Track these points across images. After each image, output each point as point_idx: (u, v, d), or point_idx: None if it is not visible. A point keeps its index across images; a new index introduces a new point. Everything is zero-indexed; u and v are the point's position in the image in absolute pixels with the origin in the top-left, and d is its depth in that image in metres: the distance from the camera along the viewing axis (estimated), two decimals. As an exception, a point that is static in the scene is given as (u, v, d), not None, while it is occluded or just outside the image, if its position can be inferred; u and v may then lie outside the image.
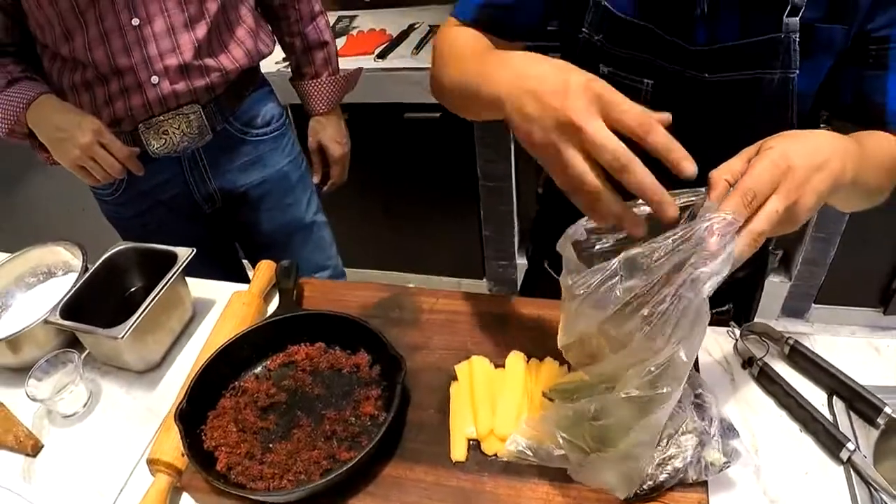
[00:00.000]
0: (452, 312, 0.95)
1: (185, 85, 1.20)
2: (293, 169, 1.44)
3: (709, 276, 0.52)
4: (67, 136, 1.14)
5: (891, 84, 0.77)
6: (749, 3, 0.76)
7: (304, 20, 1.40)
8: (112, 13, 1.11)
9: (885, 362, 0.84)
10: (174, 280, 0.96)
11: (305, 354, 0.87)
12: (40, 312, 0.96)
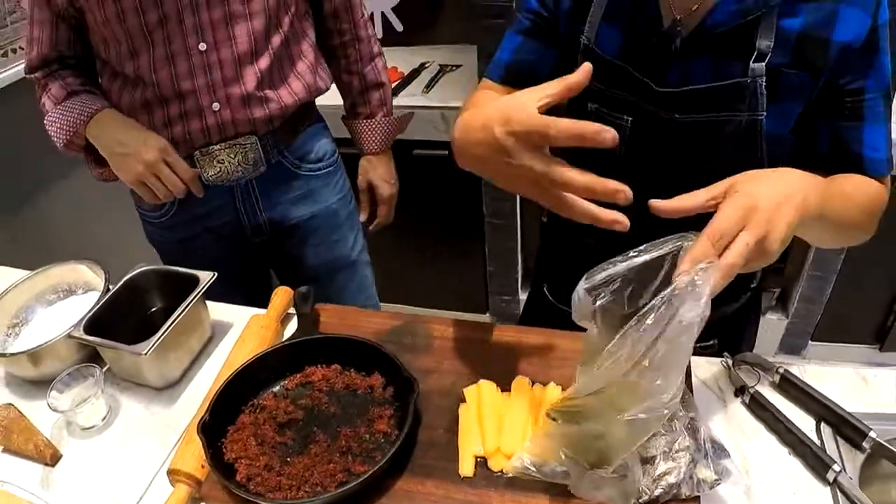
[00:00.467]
0: (461, 340, 1.01)
1: (245, 114, 1.23)
2: (342, 206, 1.47)
3: (694, 319, 0.59)
4: (132, 151, 1.18)
5: (866, 134, 0.85)
6: (718, 47, 0.84)
7: (364, 60, 1.44)
8: (180, 36, 1.16)
9: (873, 391, 0.90)
10: (195, 302, 1.02)
11: (322, 375, 0.92)
12: (59, 328, 1.02)
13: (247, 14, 1.18)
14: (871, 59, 0.83)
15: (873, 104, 0.85)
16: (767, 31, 0.81)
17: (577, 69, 0.68)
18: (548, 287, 1.23)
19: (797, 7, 0.81)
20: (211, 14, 1.16)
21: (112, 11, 1.13)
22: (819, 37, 0.81)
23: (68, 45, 1.25)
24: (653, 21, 0.87)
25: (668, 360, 0.60)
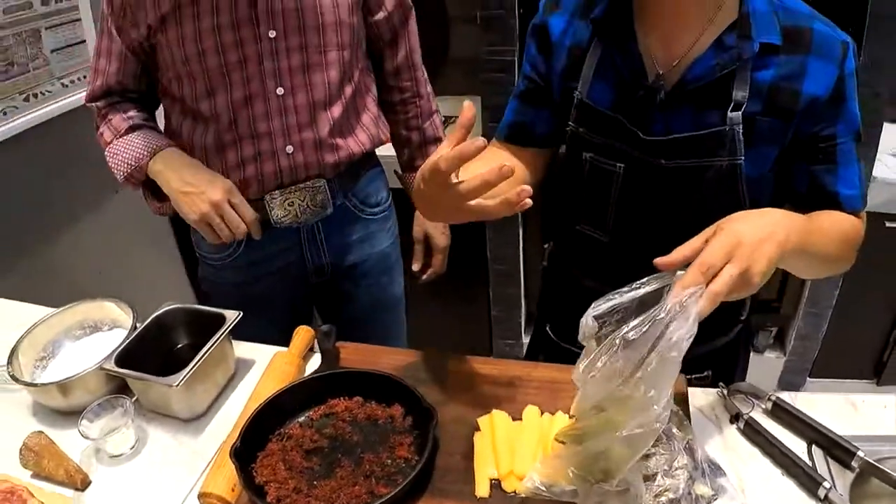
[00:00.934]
0: (474, 374, 1.10)
1: (317, 159, 1.30)
2: (393, 249, 1.55)
3: (683, 337, 0.68)
4: (198, 191, 1.21)
5: (841, 175, 0.95)
6: (698, 99, 0.95)
7: (424, 116, 1.51)
8: (259, 78, 1.22)
9: (861, 416, 0.98)
10: (222, 339, 1.10)
11: (345, 407, 1.00)
12: (86, 362, 1.09)
13: (323, 64, 1.26)
14: (840, 107, 0.93)
15: (845, 147, 0.95)
16: (742, 82, 0.92)
17: (464, 109, 0.80)
18: (551, 327, 1.31)
19: (768, 60, 0.92)
20: (290, 60, 1.23)
21: (192, 50, 1.20)
22: (789, 87, 0.92)
23: (134, 79, 1.31)
24: (639, 76, 0.98)
25: (658, 373, 0.68)
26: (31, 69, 1.91)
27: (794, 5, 0.95)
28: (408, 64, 1.46)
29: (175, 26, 1.19)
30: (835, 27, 0.94)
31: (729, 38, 0.92)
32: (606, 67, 1.00)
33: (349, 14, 1.27)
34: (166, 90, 1.31)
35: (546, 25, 1.07)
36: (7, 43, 1.82)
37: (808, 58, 0.91)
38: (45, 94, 1.95)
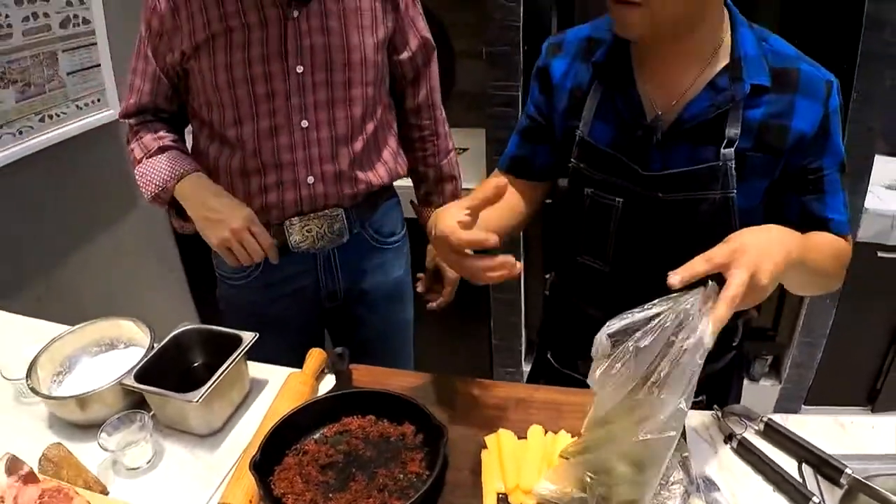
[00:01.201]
0: (480, 396, 1.16)
1: (336, 190, 1.38)
2: (405, 278, 1.62)
3: (697, 343, 0.75)
4: (220, 217, 1.29)
5: (829, 203, 1.04)
6: (693, 137, 1.03)
7: (441, 154, 1.59)
8: (285, 111, 1.30)
9: (849, 436, 1.05)
10: (238, 358, 1.16)
11: (358, 425, 1.06)
12: (101, 378, 1.15)
13: (347, 100, 1.34)
14: (826, 142, 1.02)
15: (831, 178, 1.04)
16: (735, 121, 1.00)
17: (495, 186, 0.93)
18: (552, 354, 1.38)
19: (758, 99, 1.00)
20: (316, 96, 1.31)
21: (223, 79, 1.28)
22: (778, 125, 1.00)
23: (166, 99, 1.38)
24: (638, 117, 1.06)
25: (671, 378, 0.75)
26: (47, 90, 1.98)
27: (781, 48, 1.04)
28: (428, 103, 1.54)
29: (208, 55, 1.27)
30: (819, 67, 1.03)
31: (722, 81, 1.00)
32: (607, 108, 1.09)
33: (375, 53, 1.35)
34: (196, 113, 1.39)
35: (548, 68, 1.16)
36: (25, 64, 1.90)
37: (796, 97, 1.00)
38: (60, 115, 2.03)
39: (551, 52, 1.17)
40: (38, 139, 1.97)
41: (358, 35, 1.32)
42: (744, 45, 1.01)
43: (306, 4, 1.27)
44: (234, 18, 1.25)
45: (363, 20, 1.33)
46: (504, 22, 2.02)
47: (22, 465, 0.94)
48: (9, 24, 1.84)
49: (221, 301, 1.57)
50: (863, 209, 2.07)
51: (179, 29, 1.27)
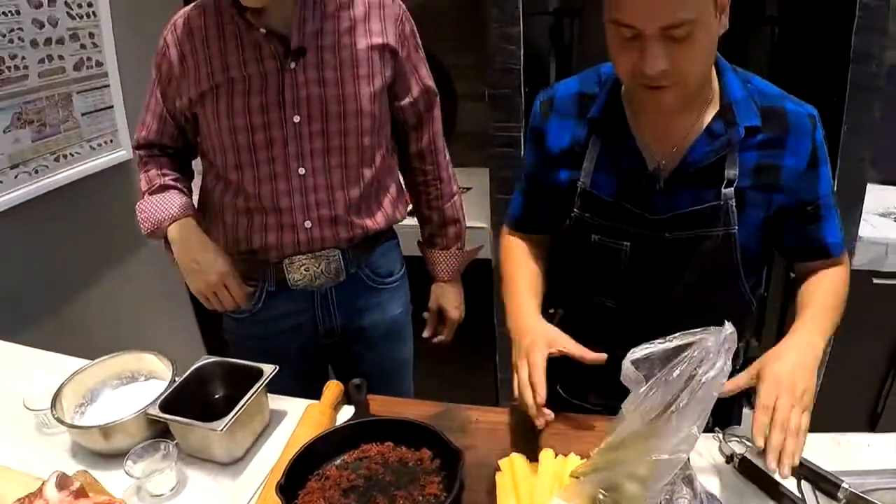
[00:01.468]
0: (493, 422, 1.24)
1: (333, 234, 1.45)
2: (404, 316, 1.68)
3: (717, 377, 0.83)
4: (200, 269, 1.41)
5: (826, 227, 1.15)
6: (695, 180, 1.12)
7: (444, 198, 1.66)
8: (283, 158, 1.38)
9: (845, 453, 1.13)
10: (260, 390, 1.23)
11: (377, 451, 1.13)
12: (123, 409, 1.22)
13: (342, 148, 1.41)
14: (817, 172, 1.12)
15: (826, 202, 1.14)
16: (733, 162, 1.09)
17: (593, 357, 1.09)
18: (561, 386, 1.44)
19: (752, 139, 1.09)
20: (312, 144, 1.39)
21: (225, 126, 1.37)
22: (772, 163, 1.10)
23: (171, 138, 1.50)
24: (640, 167, 1.14)
25: (690, 407, 0.83)
26: (62, 131, 2.08)
27: (765, 88, 1.13)
28: (431, 148, 1.61)
29: (212, 102, 1.37)
30: (801, 102, 1.13)
31: (717, 126, 1.09)
32: (607, 160, 1.17)
33: (371, 102, 1.41)
34: (204, 154, 1.49)
35: (544, 130, 1.25)
36: (41, 105, 2.00)
37: (786, 136, 1.09)
38: (74, 155, 2.12)
39: (545, 111, 1.25)
40: (54, 178, 2.06)
41: (354, 85, 1.39)
42: (732, 90, 1.10)
43: (303, 56, 1.35)
44: (235, 69, 1.35)
45: (359, 70, 1.40)
46: (505, 65, 2.12)
47: (72, 482, 1.01)
48: (25, 65, 1.94)
49: (226, 333, 1.64)
50: (857, 237, 2.16)
51: (186, 76, 1.38)
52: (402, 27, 1.47)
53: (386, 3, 1.45)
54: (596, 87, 1.20)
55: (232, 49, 1.35)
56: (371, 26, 1.42)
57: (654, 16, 0.94)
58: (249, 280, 1.52)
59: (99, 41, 2.18)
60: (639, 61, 0.98)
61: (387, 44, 1.43)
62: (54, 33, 2.03)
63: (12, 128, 1.91)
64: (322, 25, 1.37)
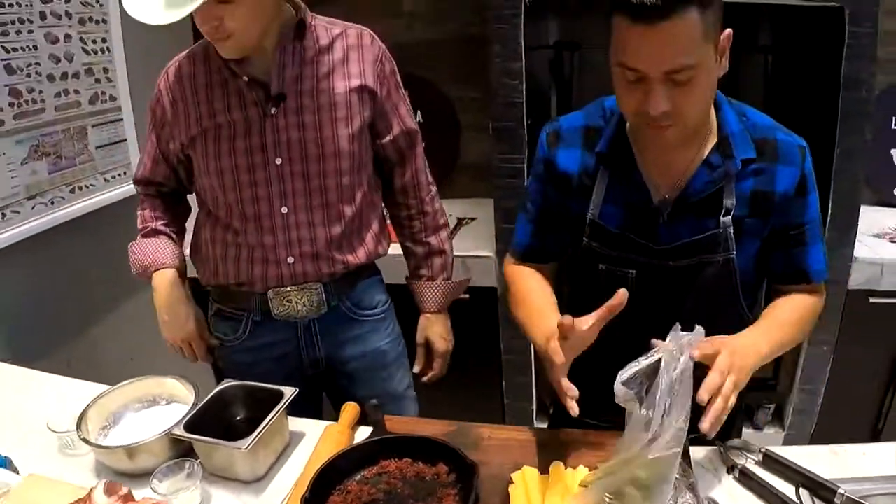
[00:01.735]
0: (505, 439, 1.32)
1: (315, 269, 1.53)
2: (391, 348, 1.72)
3: (684, 371, 0.93)
4: (170, 323, 1.57)
5: (809, 254, 1.23)
6: (696, 210, 1.20)
7: (428, 231, 1.71)
8: (266, 198, 1.48)
9: (841, 462, 1.20)
10: (282, 410, 1.30)
11: (396, 466, 1.20)
12: (145, 431, 1.29)
13: (323, 188, 1.50)
14: (805, 200, 1.21)
15: (811, 230, 1.23)
16: (730, 192, 1.18)
17: (615, 296, 1.08)
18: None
19: (747, 170, 1.18)
20: (294, 185, 1.48)
21: (213, 167, 1.48)
22: (765, 192, 1.19)
23: (165, 177, 1.62)
24: (645, 200, 1.23)
25: (674, 405, 0.93)
26: (77, 163, 2.17)
27: (759, 120, 1.22)
28: (414, 183, 1.68)
29: (202, 145, 1.49)
30: (791, 134, 1.22)
31: (715, 158, 1.18)
32: (615, 193, 1.25)
33: (350, 143, 1.49)
34: (197, 191, 1.61)
35: (553, 159, 1.32)
36: (57, 138, 2.09)
37: (777, 165, 1.18)
38: (89, 187, 2.21)
39: (552, 142, 1.33)
40: (69, 209, 2.14)
41: (332, 128, 1.47)
42: (729, 123, 1.19)
43: (283, 101, 1.44)
44: (221, 115, 1.46)
45: (337, 113, 1.48)
46: (508, 99, 2.22)
47: (119, 487, 1.10)
48: (42, 99, 2.03)
49: (218, 360, 1.73)
50: (852, 258, 2.25)
51: (178, 121, 1.50)
52: (381, 67, 1.54)
53: (364, 44, 1.53)
54: (601, 120, 1.28)
55: (218, 96, 1.46)
56: (350, 69, 1.50)
57: (659, 61, 1.02)
58: (237, 310, 1.62)
59: (113, 76, 2.29)
60: (643, 102, 1.06)
61: (365, 85, 1.51)
62: (70, 68, 2.13)
63: (30, 160, 2.00)
64: (301, 71, 1.46)
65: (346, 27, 1.53)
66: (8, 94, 1.92)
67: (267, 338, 1.63)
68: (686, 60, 1.01)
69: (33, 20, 2.00)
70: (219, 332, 1.68)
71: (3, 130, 1.92)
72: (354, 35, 1.52)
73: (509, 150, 2.28)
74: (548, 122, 1.36)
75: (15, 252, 1.98)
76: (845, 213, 2.20)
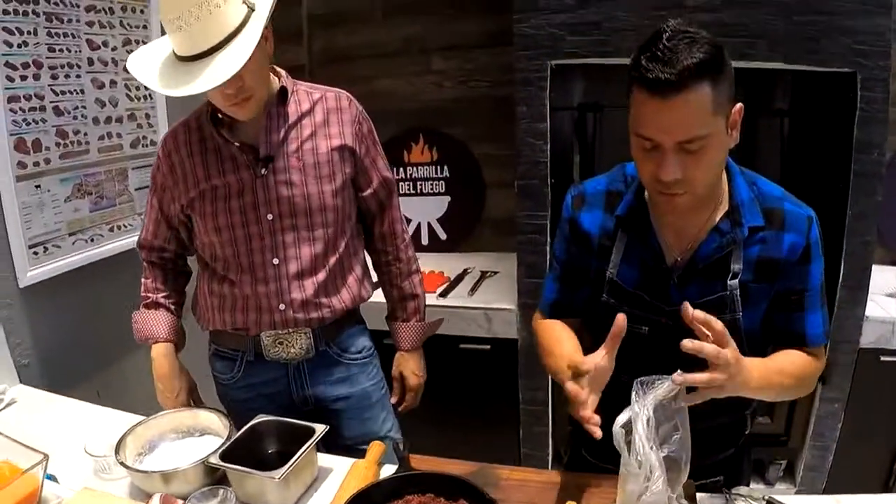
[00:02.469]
0: (523, 480, 1.42)
1: (304, 315, 1.70)
2: (375, 391, 1.88)
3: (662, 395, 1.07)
4: (163, 392, 1.74)
5: (807, 319, 1.31)
6: (705, 273, 1.30)
7: (403, 276, 1.90)
8: (260, 252, 1.65)
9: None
10: (312, 445, 1.41)
11: (419, 501, 1.29)
12: (179, 460, 1.41)
13: (311, 239, 1.67)
14: (807, 267, 1.29)
15: (811, 297, 1.31)
16: (738, 257, 1.28)
17: (615, 323, 1.19)
18: (587, 450, 1.60)
19: (755, 237, 1.28)
20: (284, 237, 1.65)
21: (211, 225, 1.65)
22: (771, 258, 1.28)
23: (165, 240, 1.79)
24: (659, 262, 1.33)
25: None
26: (117, 203, 2.33)
27: (769, 190, 1.32)
28: (391, 231, 1.87)
29: (200, 205, 1.66)
30: (800, 204, 1.31)
31: (724, 225, 1.29)
32: (632, 254, 1.36)
33: (333, 198, 1.67)
34: (198, 248, 1.77)
35: (577, 220, 1.44)
36: (99, 178, 2.25)
37: (783, 234, 1.28)
38: (126, 226, 2.37)
39: (576, 204, 1.45)
40: (107, 247, 2.30)
41: (317, 185, 1.65)
42: (739, 192, 1.29)
43: (271, 162, 1.62)
44: (217, 178, 1.63)
45: (321, 171, 1.66)
46: (533, 158, 2.36)
47: (174, 501, 1.23)
48: (87, 141, 2.20)
49: (219, 396, 1.89)
50: (864, 317, 2.34)
51: (177, 185, 1.67)
52: (358, 127, 1.72)
53: (342, 106, 1.71)
54: (622, 185, 1.39)
55: (212, 161, 1.64)
56: (330, 130, 1.68)
57: (672, 132, 1.12)
58: (232, 350, 1.79)
59: (154, 122, 2.46)
60: (657, 169, 1.17)
61: (345, 144, 1.69)
62: (114, 112, 2.30)
63: (73, 198, 2.15)
64: (286, 134, 1.64)
65: (326, 91, 1.72)
66: (55, 135, 2.09)
67: (260, 377, 1.79)
68: (698, 132, 1.12)
69: (81, 66, 2.17)
70: (216, 370, 1.85)
71: (49, 169, 2.07)
72: (333, 98, 1.71)
73: (533, 208, 2.40)
74: (573, 186, 1.48)
75: (54, 285, 2.12)
76: (857, 273, 2.30)
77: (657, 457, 1.06)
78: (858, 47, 2.12)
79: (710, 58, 1.09)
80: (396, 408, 1.98)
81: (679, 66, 1.07)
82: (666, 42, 1.10)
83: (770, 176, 1.38)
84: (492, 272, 2.92)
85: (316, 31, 3.29)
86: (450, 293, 2.74)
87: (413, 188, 3.30)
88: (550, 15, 2.26)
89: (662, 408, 1.12)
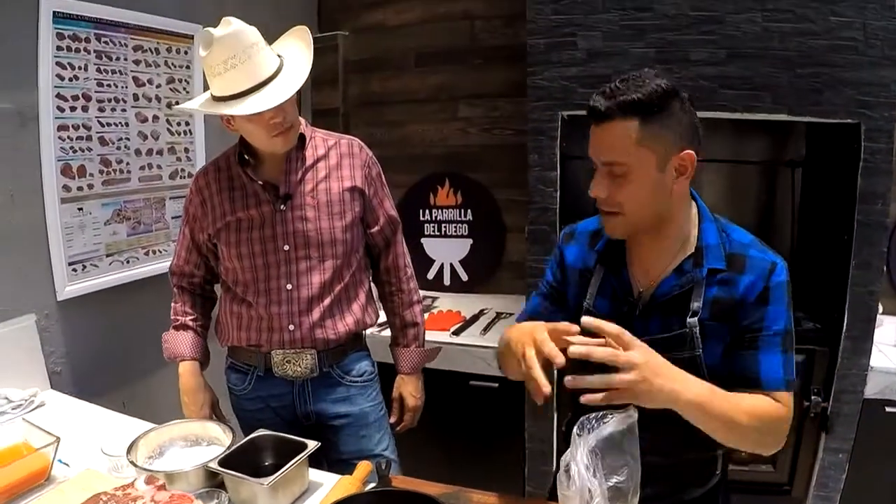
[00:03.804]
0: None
1: (310, 336, 1.85)
2: (373, 412, 1.99)
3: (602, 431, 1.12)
4: (189, 405, 1.90)
5: (762, 359, 1.31)
6: (665, 309, 1.35)
7: (404, 306, 2.05)
8: (276, 279, 1.82)
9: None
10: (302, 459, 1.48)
11: (391, 515, 1.37)
12: (185, 463, 1.51)
13: (321, 269, 1.83)
14: (764, 308, 1.30)
15: (767, 338, 1.30)
16: (697, 296, 1.31)
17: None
18: None
19: (713, 279, 1.32)
20: (298, 266, 1.82)
21: (234, 253, 1.83)
22: (728, 299, 1.31)
23: (195, 266, 1.96)
24: (627, 294, 1.40)
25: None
26: (153, 229, 2.48)
27: (738, 237, 1.36)
28: (395, 265, 2.03)
29: (226, 234, 1.84)
30: (766, 251, 1.34)
31: (686, 265, 1.34)
32: (606, 286, 1.43)
33: (343, 233, 1.85)
34: (222, 274, 1.93)
35: (563, 252, 1.55)
36: (138, 205, 2.40)
37: (741, 276, 1.31)
38: (161, 251, 2.51)
39: (566, 239, 1.56)
40: (141, 269, 2.44)
41: (329, 221, 1.83)
42: (707, 237, 1.34)
43: (290, 200, 1.80)
44: (241, 211, 1.82)
45: (333, 209, 1.84)
46: (543, 204, 2.44)
47: (156, 479, 1.38)
48: (128, 170, 2.36)
49: (232, 406, 2.02)
50: (868, 367, 2.31)
51: (206, 216, 1.86)
52: (367, 171, 1.91)
53: (354, 152, 1.90)
54: None
55: (238, 197, 1.83)
56: (342, 173, 1.87)
57: (598, 153, 1.30)
58: (245, 364, 1.94)
59: (192, 156, 2.63)
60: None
61: (355, 186, 1.87)
62: (155, 145, 2.46)
63: (112, 222, 2.31)
64: (304, 176, 1.83)
65: (340, 138, 1.92)
66: (99, 163, 2.25)
67: (268, 391, 1.93)
68: (619, 157, 1.26)
69: (127, 100, 2.34)
70: (230, 381, 2.00)
71: (92, 194, 2.24)
72: (346, 145, 1.90)
73: (542, 252, 2.45)
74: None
75: (89, 301, 2.27)
76: (861, 323, 2.27)
77: (600, 483, 1.11)
78: (863, 98, 2.14)
79: (647, 99, 1.22)
80: (394, 427, 2.09)
81: (614, 101, 1.24)
82: (618, 83, 1.26)
83: (782, 225, 1.41)
84: (507, 314, 2.97)
85: (351, 76, 3.42)
86: (463, 332, 2.80)
87: (438, 230, 3.41)
88: (562, 68, 2.35)
89: (611, 440, 1.16)
